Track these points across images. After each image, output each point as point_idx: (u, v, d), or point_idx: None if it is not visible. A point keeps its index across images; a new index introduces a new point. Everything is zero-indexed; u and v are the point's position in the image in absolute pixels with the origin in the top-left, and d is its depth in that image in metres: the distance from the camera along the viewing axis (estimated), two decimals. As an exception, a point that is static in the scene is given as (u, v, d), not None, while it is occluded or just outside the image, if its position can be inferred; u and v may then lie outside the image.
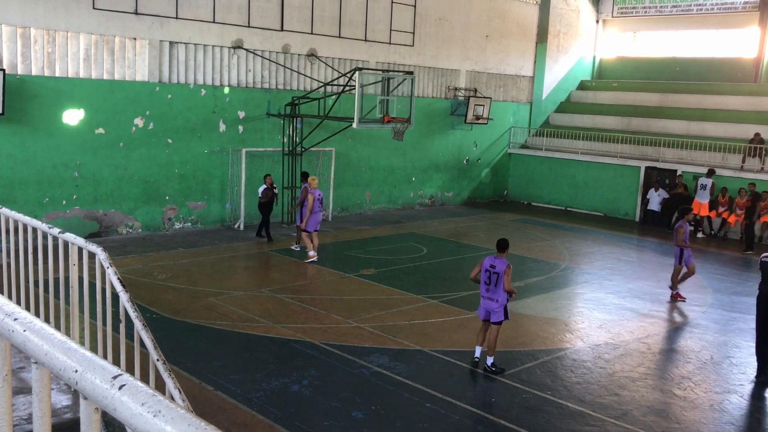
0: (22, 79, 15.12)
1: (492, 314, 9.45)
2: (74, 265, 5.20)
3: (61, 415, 4.62)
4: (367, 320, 11.51)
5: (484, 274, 9.43)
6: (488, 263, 9.42)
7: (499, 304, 9.38)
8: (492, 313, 9.45)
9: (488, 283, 9.38)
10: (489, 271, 9.38)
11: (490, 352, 9.52)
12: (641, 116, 26.12)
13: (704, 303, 13.68)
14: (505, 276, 9.28)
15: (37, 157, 15.55)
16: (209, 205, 18.64)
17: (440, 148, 24.78)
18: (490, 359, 9.53)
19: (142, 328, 4.77)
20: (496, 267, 9.34)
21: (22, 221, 5.56)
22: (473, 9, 24.89)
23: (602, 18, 29.97)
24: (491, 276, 9.35)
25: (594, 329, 11.81)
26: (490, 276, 9.36)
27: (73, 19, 15.68)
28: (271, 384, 8.82)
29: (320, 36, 20.25)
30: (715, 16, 27.00)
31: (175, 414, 1.35)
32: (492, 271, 9.35)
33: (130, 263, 14.37)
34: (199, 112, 18.07)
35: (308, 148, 19.66)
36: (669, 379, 9.65)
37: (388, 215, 22.29)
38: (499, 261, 9.39)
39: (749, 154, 21.71)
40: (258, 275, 14.21)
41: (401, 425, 7.96)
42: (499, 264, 9.35)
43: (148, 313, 11.18)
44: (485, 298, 9.47)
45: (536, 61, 27.67)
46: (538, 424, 8.12)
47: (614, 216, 24.19)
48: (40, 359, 1.67)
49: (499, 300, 9.36)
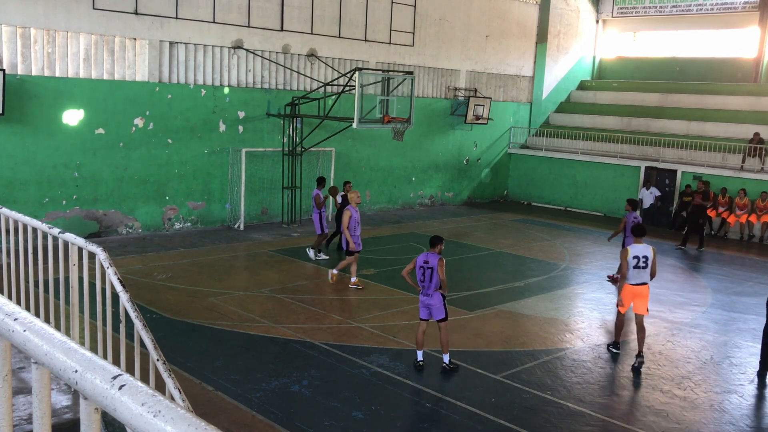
0: (22, 79, 15.12)
1: (433, 311, 9.40)
2: (74, 265, 5.19)
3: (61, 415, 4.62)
4: (367, 320, 11.51)
5: (418, 271, 9.39)
6: (422, 260, 9.39)
7: (435, 300, 9.35)
8: (433, 310, 9.40)
9: (423, 280, 9.36)
10: (423, 267, 9.35)
11: (443, 349, 9.49)
12: (641, 116, 26.12)
13: (704, 303, 13.67)
14: (439, 268, 9.25)
15: (37, 157, 15.55)
16: (209, 205, 18.64)
17: (440, 148, 24.78)
18: (446, 357, 9.50)
19: (142, 328, 4.77)
20: (429, 262, 9.33)
21: (22, 221, 5.56)
22: (473, 9, 24.89)
23: (602, 18, 29.97)
24: (425, 272, 9.33)
25: (594, 329, 11.82)
26: (425, 272, 9.34)
27: (73, 19, 15.68)
28: (271, 384, 8.82)
29: (320, 36, 20.26)
30: (715, 16, 27.00)
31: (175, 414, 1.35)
32: (426, 266, 9.33)
33: (130, 263, 14.37)
34: (199, 112, 18.07)
35: (308, 148, 19.67)
36: (669, 379, 9.64)
37: (388, 215, 22.29)
38: (432, 256, 9.38)
39: (749, 154, 21.71)
40: (258, 275, 14.21)
41: (401, 425, 7.96)
42: (432, 259, 9.34)
43: (148, 313, 11.18)
44: (422, 294, 9.44)
45: (536, 61, 27.67)
46: (538, 424, 8.12)
47: (614, 216, 24.17)
48: (40, 359, 1.67)
49: (435, 296, 9.34)
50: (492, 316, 12.19)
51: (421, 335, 9.56)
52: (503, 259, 16.83)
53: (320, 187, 15.76)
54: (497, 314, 12.28)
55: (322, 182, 16.01)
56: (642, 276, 10.14)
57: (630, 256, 10.08)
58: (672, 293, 14.25)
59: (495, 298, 13.27)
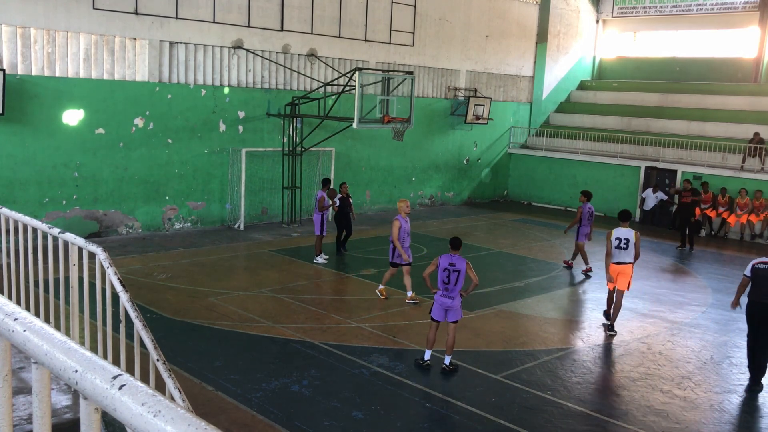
0: (22, 79, 15.12)
1: (450, 313, 9.44)
2: (74, 265, 5.19)
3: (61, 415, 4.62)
4: (367, 320, 11.51)
5: (442, 273, 9.38)
6: (446, 261, 9.39)
7: (456, 302, 9.40)
8: (450, 312, 9.44)
9: (447, 282, 9.36)
10: (448, 270, 9.34)
11: (448, 351, 9.51)
12: (641, 116, 26.12)
13: (704, 303, 13.67)
14: (469, 270, 9.34)
15: (37, 157, 15.55)
16: (209, 205, 18.64)
17: (440, 148, 24.78)
18: (448, 358, 9.52)
19: (142, 328, 4.76)
20: (456, 265, 9.33)
21: (22, 221, 5.56)
22: (473, 9, 24.89)
23: (602, 18, 29.97)
24: (451, 274, 9.33)
25: (594, 329, 11.82)
26: (450, 274, 9.34)
27: (73, 19, 15.68)
28: (271, 384, 8.82)
29: (320, 36, 20.26)
30: (715, 16, 27.00)
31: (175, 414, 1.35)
32: (452, 269, 9.33)
33: (130, 263, 14.37)
34: (199, 112, 18.07)
35: (308, 148, 19.67)
36: (669, 379, 9.64)
37: (389, 215, 22.24)
38: (457, 258, 9.40)
39: (749, 154, 21.71)
40: (258, 275, 14.20)
41: (401, 425, 7.96)
42: (458, 261, 9.36)
43: (148, 313, 11.18)
44: (444, 296, 9.42)
45: (536, 61, 27.68)
46: (538, 424, 8.12)
47: (614, 216, 24.12)
48: (40, 359, 1.67)
49: (457, 298, 9.39)
50: (492, 316, 12.19)
51: (433, 335, 9.58)
52: (503, 259, 16.83)
53: (325, 188, 15.60)
54: (497, 314, 12.29)
55: (327, 183, 15.83)
56: (623, 256, 11.30)
57: (613, 237, 11.34)
58: (672, 293, 14.26)
59: (495, 298, 13.27)
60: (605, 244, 11.73)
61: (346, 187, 16.60)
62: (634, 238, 11.28)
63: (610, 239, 11.36)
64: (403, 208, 12.51)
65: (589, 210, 15.48)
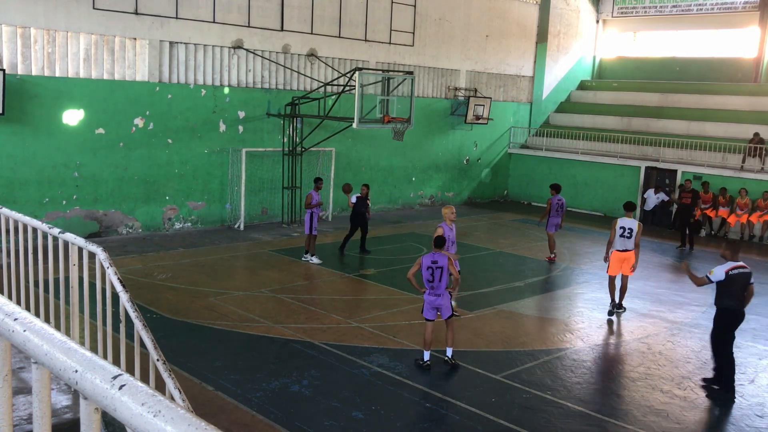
0: (22, 79, 15.12)
1: (442, 310, 9.55)
2: (74, 265, 5.19)
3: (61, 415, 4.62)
4: (367, 320, 11.51)
5: (426, 272, 9.42)
6: (429, 260, 9.42)
7: (445, 299, 9.48)
8: (441, 309, 9.54)
9: (431, 281, 9.39)
10: (432, 268, 9.38)
11: (449, 343, 9.71)
12: (641, 116, 26.11)
13: (704, 303, 13.66)
14: (450, 266, 9.41)
15: (37, 157, 15.55)
16: (209, 205, 18.64)
17: (440, 148, 24.78)
18: (450, 350, 9.70)
19: (142, 328, 4.76)
20: (438, 262, 9.38)
21: (22, 221, 5.56)
22: (473, 9, 24.89)
23: (602, 18, 29.97)
24: (434, 272, 9.37)
25: (594, 329, 11.82)
26: (433, 272, 9.38)
27: (73, 19, 15.68)
28: (271, 384, 8.82)
29: (320, 36, 20.26)
30: (715, 16, 27.00)
31: (175, 414, 1.36)
32: (435, 267, 9.37)
33: (130, 263, 14.37)
34: (199, 112, 18.07)
35: (308, 148, 19.67)
36: (669, 379, 9.64)
37: (388, 215, 22.29)
38: (439, 255, 9.44)
39: (749, 154, 21.70)
40: (258, 275, 14.21)
41: (401, 425, 7.96)
42: (441, 258, 9.40)
43: (148, 313, 11.18)
44: (432, 295, 9.48)
45: (536, 61, 27.68)
46: (538, 424, 8.12)
47: (614, 216, 24.12)
48: (40, 359, 1.67)
49: (444, 295, 9.48)
50: (492, 316, 12.19)
51: (430, 335, 9.60)
52: (503, 259, 16.84)
53: (317, 187, 15.55)
54: (497, 314, 12.29)
55: (318, 182, 15.78)
56: (626, 243, 12.18)
57: (618, 226, 12.24)
58: (672, 293, 14.26)
59: (495, 298, 13.27)
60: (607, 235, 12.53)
61: (366, 189, 16.40)
62: (637, 228, 12.10)
63: (615, 228, 12.23)
64: (448, 215, 11.68)
65: (558, 202, 16.55)
